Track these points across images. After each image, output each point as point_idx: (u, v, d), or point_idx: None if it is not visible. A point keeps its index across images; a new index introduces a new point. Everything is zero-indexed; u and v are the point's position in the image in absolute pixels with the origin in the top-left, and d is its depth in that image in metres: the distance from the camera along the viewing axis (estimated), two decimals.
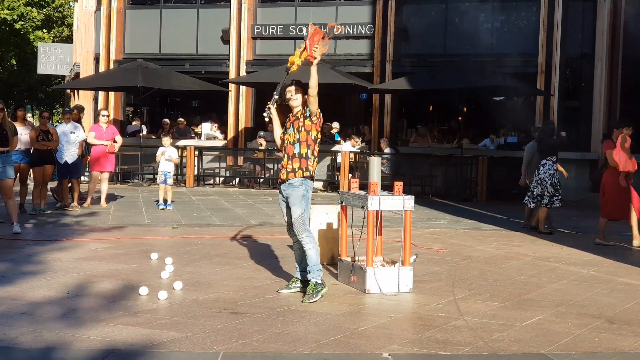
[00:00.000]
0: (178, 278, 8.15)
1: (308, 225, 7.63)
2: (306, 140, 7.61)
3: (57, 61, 34.98)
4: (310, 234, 7.61)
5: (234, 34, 23.62)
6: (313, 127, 7.61)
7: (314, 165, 7.64)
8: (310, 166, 7.60)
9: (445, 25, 22.14)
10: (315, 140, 7.65)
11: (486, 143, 21.18)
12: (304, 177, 7.57)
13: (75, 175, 14.99)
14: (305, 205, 7.58)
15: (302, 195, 7.56)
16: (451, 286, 8.38)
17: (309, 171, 7.59)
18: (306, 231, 7.58)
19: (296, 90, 7.77)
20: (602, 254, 10.88)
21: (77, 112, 15.92)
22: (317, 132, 7.67)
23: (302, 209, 7.55)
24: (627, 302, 7.79)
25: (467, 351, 5.87)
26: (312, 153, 7.62)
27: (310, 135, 7.61)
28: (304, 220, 7.57)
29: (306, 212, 7.58)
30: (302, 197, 7.57)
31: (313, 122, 7.60)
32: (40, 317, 6.53)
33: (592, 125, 20.47)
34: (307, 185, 7.59)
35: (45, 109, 17.83)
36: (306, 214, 7.59)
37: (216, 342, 5.90)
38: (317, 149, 7.70)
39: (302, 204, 7.56)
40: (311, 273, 7.57)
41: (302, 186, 7.57)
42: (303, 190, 7.56)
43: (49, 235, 11.53)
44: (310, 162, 7.60)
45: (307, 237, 7.59)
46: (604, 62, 20.22)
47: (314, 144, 7.64)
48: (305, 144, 7.61)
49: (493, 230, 13.48)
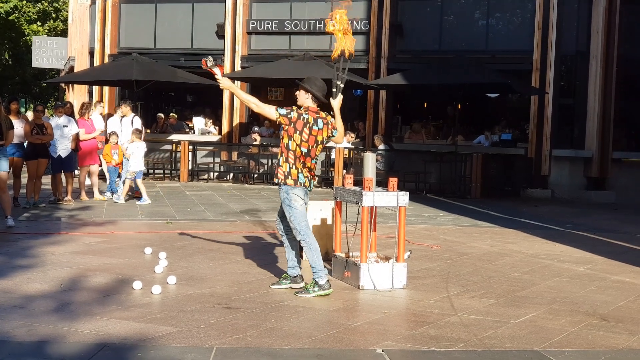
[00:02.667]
0: (172, 273, 8.15)
1: (299, 228, 7.63)
2: (281, 147, 7.72)
3: (52, 55, 34.91)
4: (303, 236, 7.64)
5: (229, 29, 23.57)
6: (285, 133, 7.65)
7: (291, 172, 7.58)
8: (280, 173, 7.63)
9: (441, 21, 22.11)
10: (287, 147, 7.62)
11: (481, 140, 21.20)
12: (279, 184, 7.66)
13: (68, 169, 14.96)
14: (290, 209, 7.62)
15: (282, 199, 7.68)
16: (445, 283, 8.39)
17: (278, 178, 7.64)
18: (298, 234, 7.65)
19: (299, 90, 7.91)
20: (595, 252, 10.90)
21: (70, 106, 15.89)
22: (290, 139, 7.60)
23: (287, 214, 7.66)
24: (620, 299, 7.81)
25: (460, 347, 5.87)
26: (286, 160, 7.61)
27: (283, 142, 7.67)
28: (292, 224, 7.66)
29: (293, 215, 7.62)
30: (283, 202, 7.68)
31: (283, 129, 7.66)
32: (33, 311, 6.52)
33: (587, 123, 20.49)
34: (286, 190, 7.61)
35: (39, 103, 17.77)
36: (294, 218, 7.62)
37: (210, 336, 5.90)
38: (295, 156, 7.61)
39: (286, 208, 7.67)
40: (313, 272, 7.58)
41: (281, 191, 7.68)
42: (283, 193, 7.65)
43: (42, 228, 11.51)
44: (281, 169, 7.62)
45: (300, 239, 7.68)
46: (599, 59, 20.23)
47: (287, 151, 7.61)
48: (281, 151, 7.71)
49: (487, 227, 13.49)
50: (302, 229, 7.64)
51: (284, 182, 7.59)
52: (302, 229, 7.64)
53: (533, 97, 20.64)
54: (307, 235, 7.67)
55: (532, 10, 20.91)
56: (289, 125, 7.60)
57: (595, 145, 20.32)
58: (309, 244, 7.65)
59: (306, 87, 7.79)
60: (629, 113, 21.54)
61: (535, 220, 14.65)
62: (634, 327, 6.68)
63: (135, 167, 15.32)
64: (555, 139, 20.50)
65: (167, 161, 21.90)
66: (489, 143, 20.87)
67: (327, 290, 7.50)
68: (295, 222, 7.63)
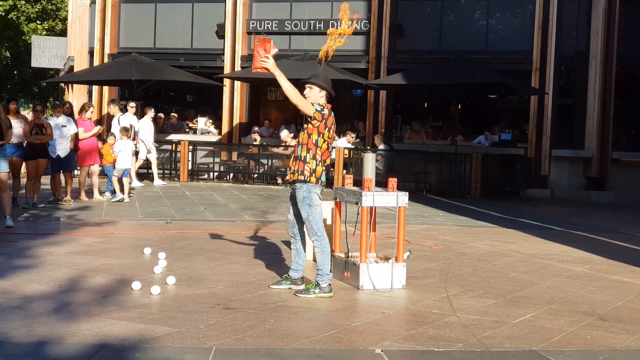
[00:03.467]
0: (171, 273, 8.14)
1: (316, 228, 7.54)
2: (307, 143, 7.54)
3: (51, 54, 34.88)
4: (319, 237, 7.55)
5: (229, 28, 23.57)
6: (314, 129, 7.48)
7: (316, 170, 7.48)
8: (306, 170, 7.48)
9: (441, 21, 22.13)
10: (316, 144, 7.50)
11: (480, 140, 21.20)
12: (303, 182, 7.49)
13: (68, 169, 14.96)
14: (309, 209, 7.50)
15: (302, 198, 7.52)
16: (444, 283, 8.39)
17: (304, 175, 7.48)
18: (314, 234, 7.54)
19: (310, 87, 7.66)
20: (595, 252, 10.90)
21: (69, 106, 15.90)
22: (320, 135, 7.50)
23: (306, 213, 7.53)
24: (619, 299, 7.81)
25: (459, 348, 5.87)
26: (313, 157, 7.48)
27: (311, 138, 7.50)
28: (309, 224, 7.54)
29: (311, 215, 7.51)
30: (303, 201, 7.52)
31: (314, 125, 7.47)
32: (32, 312, 6.52)
33: (586, 124, 20.50)
34: (308, 188, 7.49)
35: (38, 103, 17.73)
36: (312, 217, 7.51)
37: (209, 337, 5.90)
38: (321, 153, 7.52)
39: (305, 207, 7.52)
40: (318, 274, 7.54)
41: (301, 189, 7.52)
42: (304, 192, 7.50)
43: (42, 229, 11.51)
44: (308, 166, 7.47)
45: (315, 240, 7.57)
46: (599, 60, 20.24)
47: (315, 148, 7.49)
48: (306, 147, 7.53)
49: (486, 227, 13.49)
50: (319, 229, 7.54)
51: (308, 180, 7.45)
52: (319, 230, 7.54)
53: (533, 97, 20.65)
54: (323, 237, 7.57)
55: (532, 10, 20.92)
56: (321, 122, 7.46)
57: (594, 145, 20.33)
58: (323, 246, 7.56)
59: (321, 85, 7.61)
60: (628, 113, 21.56)
61: (535, 220, 14.66)
62: (633, 327, 6.68)
63: (122, 165, 15.45)
64: (555, 139, 20.51)
65: (167, 161, 21.90)
66: (489, 143, 20.88)
67: (328, 293, 7.47)
68: (313, 222, 7.52)
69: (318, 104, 7.53)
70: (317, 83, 7.62)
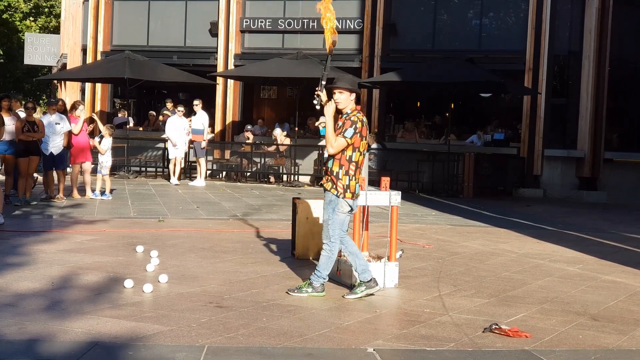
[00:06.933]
0: (163, 271, 8.13)
1: (332, 234, 7.38)
2: (340, 159, 7.35)
3: (44, 52, 34.78)
4: (331, 243, 7.41)
5: (223, 27, 23.55)
6: (350, 146, 7.28)
7: (350, 185, 7.29)
8: (340, 187, 7.29)
9: (434, 21, 22.15)
10: (350, 159, 7.28)
11: (473, 139, 21.24)
12: (335, 195, 7.33)
13: (60, 167, 14.93)
14: (331, 213, 7.36)
15: (329, 201, 7.38)
16: (436, 282, 8.39)
17: (337, 191, 7.30)
18: (327, 238, 7.43)
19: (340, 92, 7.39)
20: (587, 252, 10.92)
21: (62, 104, 15.87)
22: (355, 150, 7.27)
23: (327, 216, 7.43)
24: (611, 299, 7.83)
25: (451, 347, 5.88)
26: (346, 173, 7.29)
27: (345, 154, 7.31)
28: (327, 227, 7.44)
29: (331, 220, 7.37)
30: (329, 204, 7.38)
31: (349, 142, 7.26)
32: (24, 309, 6.50)
33: (579, 123, 20.56)
34: (338, 201, 7.32)
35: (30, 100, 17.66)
36: (331, 222, 7.37)
37: (201, 335, 5.89)
38: (355, 168, 7.30)
39: (329, 210, 7.40)
40: (314, 273, 7.48)
41: (332, 197, 7.36)
42: (332, 197, 7.34)
43: (34, 226, 11.49)
44: (341, 182, 7.29)
45: (326, 244, 7.46)
46: (592, 59, 20.29)
47: (348, 164, 7.28)
48: (338, 163, 7.35)
49: (479, 227, 13.51)
50: (333, 235, 7.39)
51: (342, 196, 7.28)
52: (334, 236, 7.40)
53: (526, 97, 20.70)
54: (334, 245, 7.43)
55: (525, 10, 20.96)
56: (357, 138, 7.27)
57: (587, 145, 20.39)
58: (331, 251, 7.44)
59: (350, 88, 7.40)
60: (621, 113, 21.62)
61: (527, 219, 14.68)
62: (624, 327, 6.70)
63: (110, 162, 15.67)
64: (548, 138, 20.56)
65: (160, 159, 21.87)
66: (482, 142, 20.92)
67: (321, 293, 7.43)
68: (331, 228, 7.38)
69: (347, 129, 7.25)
70: (346, 87, 7.41)
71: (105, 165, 15.52)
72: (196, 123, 19.71)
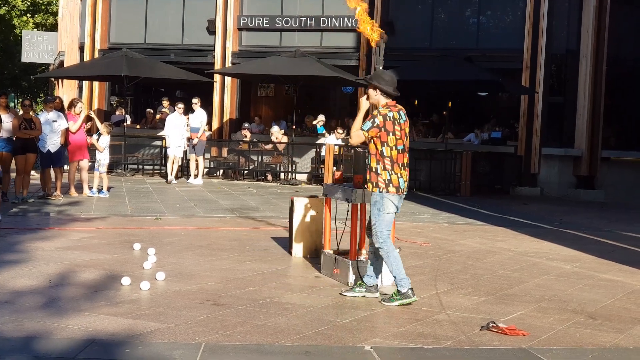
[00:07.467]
0: (160, 269, 8.12)
1: (380, 234, 7.25)
2: (375, 154, 7.32)
3: (42, 49, 34.79)
4: (381, 244, 7.25)
5: (220, 24, 23.54)
6: (377, 140, 7.27)
7: (392, 179, 7.24)
8: (381, 182, 7.23)
9: (432, 19, 22.16)
10: (382, 154, 7.24)
11: (470, 138, 21.24)
12: (377, 192, 7.26)
13: (58, 164, 14.92)
14: (377, 214, 7.26)
15: (374, 202, 7.30)
16: (434, 280, 8.39)
17: (378, 187, 7.25)
18: (379, 241, 7.27)
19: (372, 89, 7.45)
20: (584, 250, 10.93)
21: (59, 101, 15.86)
22: (384, 145, 7.24)
23: (374, 217, 7.31)
24: (608, 298, 7.83)
25: (448, 345, 5.88)
26: (384, 168, 7.24)
27: (378, 149, 7.29)
28: (375, 229, 7.30)
29: (378, 221, 7.25)
30: (374, 205, 7.30)
31: (375, 137, 7.27)
32: (21, 306, 6.50)
33: (576, 122, 20.57)
34: (382, 197, 7.24)
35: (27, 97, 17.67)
36: (378, 223, 7.25)
37: (198, 333, 5.89)
38: (391, 162, 7.25)
39: (374, 211, 7.30)
40: (395, 282, 7.28)
41: (376, 197, 7.28)
42: (377, 196, 7.26)
43: (31, 224, 11.47)
44: (382, 177, 7.23)
45: (379, 247, 7.29)
46: (589, 58, 20.30)
47: (383, 158, 7.25)
48: (375, 158, 7.32)
49: (476, 225, 13.51)
50: (383, 235, 7.27)
51: (386, 191, 7.21)
52: (384, 236, 7.27)
53: (523, 96, 20.70)
54: (387, 244, 7.29)
55: (522, 8, 20.97)
56: (380, 132, 7.24)
57: (584, 144, 20.40)
58: (388, 252, 7.28)
59: (374, 83, 7.42)
60: (618, 112, 21.63)
61: (524, 218, 14.69)
62: (621, 325, 6.71)
63: (107, 160, 15.69)
64: (545, 137, 20.57)
65: (157, 157, 21.86)
66: (479, 141, 20.92)
67: (412, 298, 7.16)
68: (379, 228, 7.25)
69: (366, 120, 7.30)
70: (372, 83, 7.44)
71: (103, 163, 15.53)
72: (194, 121, 19.67)
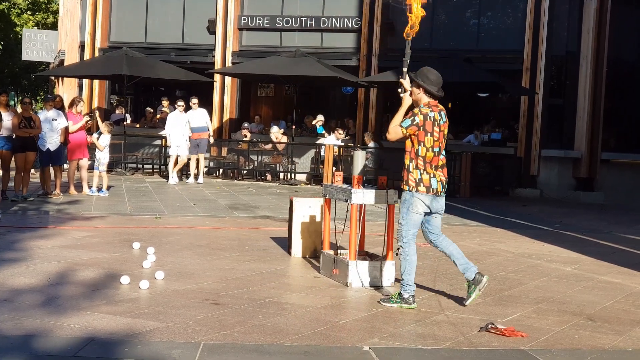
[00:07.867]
0: (160, 268, 8.13)
1: (405, 234, 7.17)
2: (410, 152, 7.26)
3: (42, 48, 34.78)
4: (404, 244, 7.19)
5: (220, 24, 23.55)
6: (415, 138, 7.18)
7: (422, 179, 7.14)
8: (411, 180, 7.17)
9: (432, 20, 22.14)
10: (417, 153, 7.15)
11: (470, 139, 21.23)
12: (407, 190, 7.19)
13: (57, 163, 14.92)
14: (405, 213, 7.18)
15: (404, 200, 7.22)
16: (433, 281, 8.40)
17: (408, 186, 7.17)
18: (402, 240, 7.21)
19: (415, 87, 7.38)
20: (583, 252, 10.93)
21: (59, 100, 15.86)
22: (420, 144, 7.14)
23: (401, 216, 7.24)
24: (607, 300, 7.84)
25: (447, 346, 5.88)
26: (416, 166, 7.17)
27: (414, 147, 7.19)
28: (400, 227, 7.23)
29: (405, 220, 7.18)
30: (403, 203, 7.23)
31: (413, 135, 7.18)
32: (20, 305, 6.50)
33: (576, 124, 20.56)
34: (411, 196, 7.15)
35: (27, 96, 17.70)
36: (404, 222, 7.18)
37: (197, 332, 5.89)
38: (424, 162, 7.16)
39: (403, 210, 7.23)
40: (401, 283, 7.22)
41: (406, 195, 7.21)
42: (407, 195, 7.19)
43: (30, 222, 11.47)
44: (412, 175, 7.17)
45: (401, 245, 7.23)
46: (589, 60, 20.29)
47: (417, 157, 7.16)
48: (409, 156, 7.28)
49: (475, 226, 13.51)
50: (407, 235, 7.20)
51: (415, 190, 7.13)
52: (408, 237, 7.20)
53: (523, 97, 20.71)
54: (410, 246, 7.21)
55: (523, 10, 20.97)
56: (419, 130, 7.14)
57: (584, 146, 20.39)
58: (407, 254, 7.20)
59: (419, 82, 7.38)
60: (618, 114, 21.62)
61: (524, 219, 14.69)
62: (620, 327, 6.71)
63: (107, 159, 15.72)
64: (545, 139, 20.57)
65: (157, 156, 21.85)
66: (479, 142, 20.91)
67: (411, 305, 7.11)
68: (405, 228, 7.18)
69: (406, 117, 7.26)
70: (416, 81, 7.43)
71: (103, 162, 15.52)
72: (199, 121, 19.44)
